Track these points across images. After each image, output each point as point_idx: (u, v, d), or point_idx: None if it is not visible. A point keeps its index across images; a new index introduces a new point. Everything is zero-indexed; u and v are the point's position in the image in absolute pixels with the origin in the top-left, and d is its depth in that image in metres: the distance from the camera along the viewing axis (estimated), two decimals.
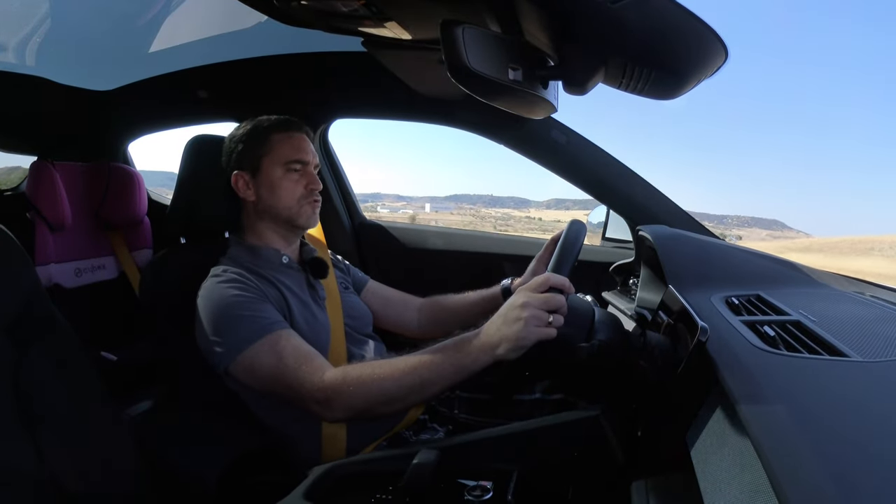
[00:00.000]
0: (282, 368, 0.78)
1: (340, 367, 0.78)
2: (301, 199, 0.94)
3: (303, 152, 0.95)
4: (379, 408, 0.74)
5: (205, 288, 0.86)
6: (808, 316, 0.65)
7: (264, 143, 0.94)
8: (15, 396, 0.59)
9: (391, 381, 0.72)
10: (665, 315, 0.80)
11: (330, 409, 0.75)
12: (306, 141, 0.97)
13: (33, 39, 1.34)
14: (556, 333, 0.67)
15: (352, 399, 0.74)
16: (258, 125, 0.96)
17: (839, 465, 0.34)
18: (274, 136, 0.94)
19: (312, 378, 0.76)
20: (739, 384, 0.47)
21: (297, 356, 0.79)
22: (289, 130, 0.96)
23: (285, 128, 0.96)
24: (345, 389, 0.74)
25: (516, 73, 0.61)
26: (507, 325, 0.68)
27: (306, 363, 0.78)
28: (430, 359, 0.72)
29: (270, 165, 0.93)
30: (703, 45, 0.56)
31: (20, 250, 0.64)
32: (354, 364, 0.77)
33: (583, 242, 0.78)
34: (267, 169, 0.93)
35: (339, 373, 0.76)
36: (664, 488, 0.55)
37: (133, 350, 1.51)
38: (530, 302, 0.67)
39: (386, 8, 0.78)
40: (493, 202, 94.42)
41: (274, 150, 0.94)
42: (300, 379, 0.76)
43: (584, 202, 56.63)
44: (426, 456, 0.62)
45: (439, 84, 1.12)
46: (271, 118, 0.97)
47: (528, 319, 0.66)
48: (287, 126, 0.96)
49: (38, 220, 1.47)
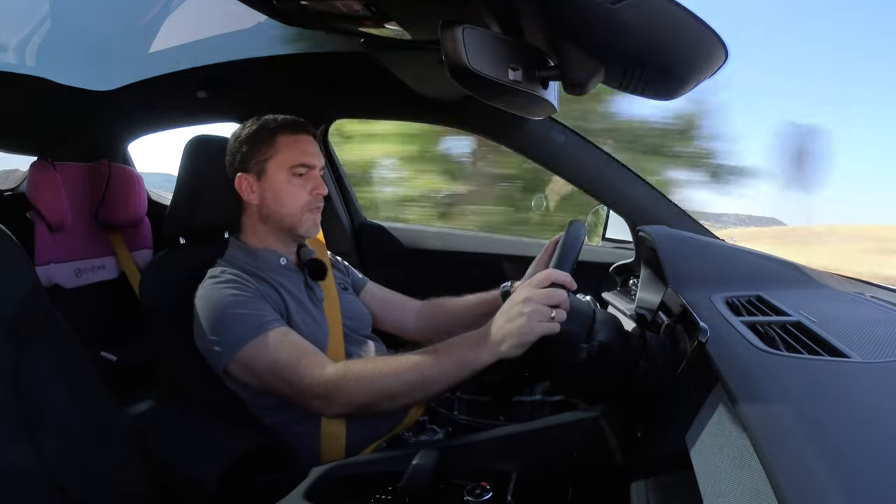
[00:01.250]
0: (281, 364, 0.77)
1: (342, 363, 0.78)
2: (305, 206, 0.93)
3: (309, 156, 0.93)
4: (380, 403, 0.73)
5: (202, 289, 0.86)
6: (808, 316, 0.65)
7: (270, 146, 0.92)
8: (15, 397, 0.59)
9: (393, 377, 0.72)
10: (665, 315, 0.80)
11: (330, 403, 0.74)
12: (313, 143, 0.96)
13: (33, 39, 1.34)
14: (560, 329, 0.67)
15: (352, 394, 0.73)
16: (264, 125, 0.94)
17: (839, 466, 0.34)
18: (280, 138, 0.93)
19: (313, 372, 0.76)
20: (739, 384, 0.47)
21: (296, 351, 0.79)
22: (296, 132, 0.94)
23: (292, 129, 0.94)
24: (345, 384, 0.74)
25: (516, 73, 0.61)
26: (509, 321, 0.68)
27: (306, 357, 0.78)
28: (433, 356, 0.72)
29: (276, 169, 0.92)
30: (704, 45, 0.56)
31: (20, 250, 0.64)
32: (356, 360, 0.77)
33: (583, 243, 0.78)
34: (272, 173, 0.92)
35: (340, 367, 0.76)
36: (664, 488, 0.55)
37: (133, 350, 1.51)
38: (532, 297, 0.67)
39: (386, 8, 0.78)
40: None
41: (280, 154, 0.92)
42: (300, 373, 0.76)
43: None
44: (426, 457, 0.62)
45: (439, 84, 1.12)
46: (277, 118, 0.95)
47: (531, 314, 0.66)
48: (294, 128, 0.94)
49: (38, 220, 1.47)
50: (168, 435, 0.83)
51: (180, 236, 1.03)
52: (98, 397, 0.69)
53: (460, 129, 1.39)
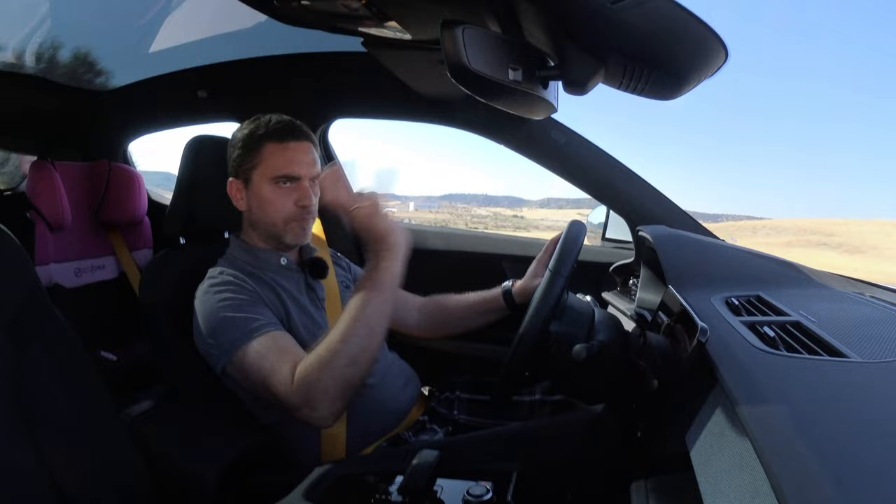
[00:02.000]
0: (265, 373, 0.76)
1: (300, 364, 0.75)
2: (288, 218, 0.90)
3: (295, 165, 0.88)
4: (349, 373, 0.72)
5: (200, 290, 0.86)
6: (807, 316, 0.65)
7: (257, 153, 0.89)
8: (15, 396, 0.59)
9: (342, 343, 0.72)
10: (665, 316, 0.80)
11: (312, 407, 0.72)
12: (305, 151, 0.90)
13: (33, 39, 1.34)
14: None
15: (321, 383, 0.71)
16: (255, 130, 0.90)
17: (839, 466, 0.34)
18: (267, 145, 0.89)
19: (285, 386, 0.74)
20: (739, 385, 0.47)
21: (276, 361, 0.76)
22: (284, 140, 0.89)
23: (280, 136, 0.89)
24: (312, 377, 0.72)
25: (516, 73, 0.61)
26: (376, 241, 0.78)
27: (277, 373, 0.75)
28: (358, 303, 0.75)
29: (260, 179, 0.89)
30: (704, 45, 0.56)
31: (20, 250, 0.64)
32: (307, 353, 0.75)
33: (583, 243, 0.78)
34: (256, 182, 0.89)
35: (300, 368, 0.74)
36: (664, 488, 0.55)
37: (133, 350, 1.51)
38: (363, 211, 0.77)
39: (386, 8, 0.78)
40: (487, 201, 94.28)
41: (264, 162, 0.88)
42: (276, 387, 0.75)
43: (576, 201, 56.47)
44: (426, 456, 0.62)
45: (439, 84, 1.12)
46: (271, 120, 0.91)
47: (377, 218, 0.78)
48: (283, 134, 0.89)
49: (38, 220, 1.47)
50: (168, 434, 0.83)
51: (180, 236, 1.03)
52: (98, 397, 0.69)
53: (460, 129, 1.39)
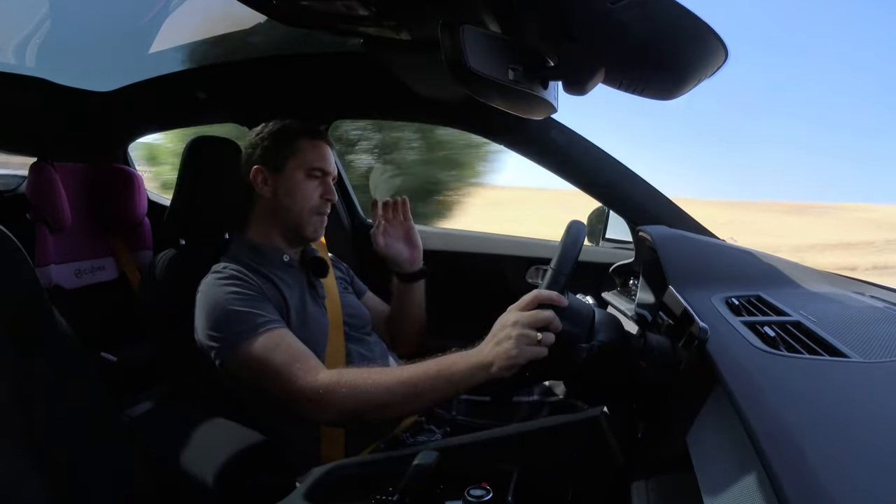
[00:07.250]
0: (275, 366, 0.78)
1: (335, 370, 0.78)
2: (314, 208, 0.96)
3: (326, 162, 0.97)
4: (370, 413, 0.74)
5: (204, 283, 0.87)
6: (808, 316, 0.65)
7: (291, 145, 0.95)
8: (15, 397, 0.59)
9: (384, 389, 0.73)
10: (665, 316, 0.80)
11: (321, 408, 0.75)
12: (330, 152, 0.99)
13: (33, 39, 1.34)
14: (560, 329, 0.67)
15: (343, 401, 0.74)
16: (288, 127, 0.98)
17: (839, 466, 0.34)
18: (302, 140, 0.96)
19: (306, 376, 0.76)
20: (739, 385, 0.47)
21: (291, 354, 0.79)
22: (316, 138, 0.98)
23: (313, 135, 0.98)
24: (337, 390, 0.74)
25: (516, 73, 0.61)
26: (498, 344, 0.68)
27: (300, 362, 0.78)
28: (426, 372, 0.72)
29: (294, 167, 0.95)
30: (703, 45, 0.56)
31: (20, 251, 0.64)
32: (351, 368, 0.78)
33: (583, 244, 0.78)
34: (290, 169, 0.95)
35: (334, 374, 0.76)
36: (664, 488, 0.55)
37: (133, 350, 1.51)
38: (519, 320, 0.67)
39: (386, 8, 0.78)
40: None
41: (300, 153, 0.95)
42: (293, 376, 0.76)
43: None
44: (426, 457, 0.62)
45: (439, 84, 1.12)
46: (300, 123, 0.99)
47: (518, 338, 0.66)
48: (315, 133, 0.99)
49: (38, 221, 1.46)
50: (168, 435, 0.83)
51: (180, 236, 1.04)
52: (98, 398, 0.69)
53: (460, 129, 1.39)
